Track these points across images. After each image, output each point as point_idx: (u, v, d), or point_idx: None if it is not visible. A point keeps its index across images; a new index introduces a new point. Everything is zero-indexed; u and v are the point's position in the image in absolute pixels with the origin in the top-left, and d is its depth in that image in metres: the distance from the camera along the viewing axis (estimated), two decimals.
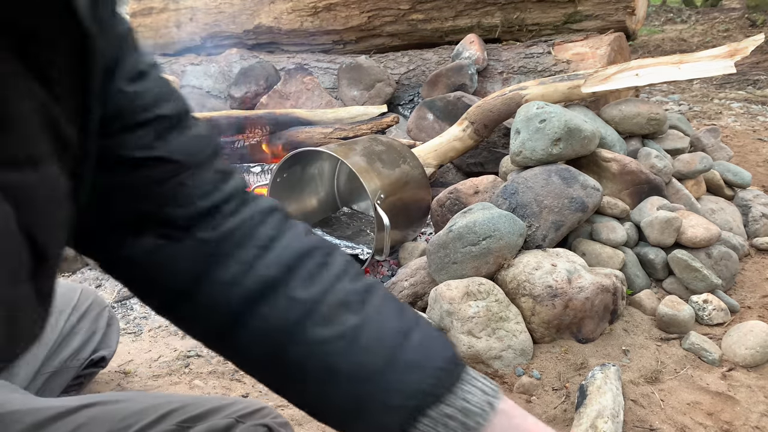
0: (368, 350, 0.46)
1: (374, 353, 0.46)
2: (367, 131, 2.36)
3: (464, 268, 1.48)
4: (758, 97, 4.35)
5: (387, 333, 0.47)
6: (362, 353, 0.46)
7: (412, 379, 0.46)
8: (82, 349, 1.00)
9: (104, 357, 1.04)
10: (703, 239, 1.63)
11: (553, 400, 1.25)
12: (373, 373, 0.45)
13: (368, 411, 0.45)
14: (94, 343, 1.03)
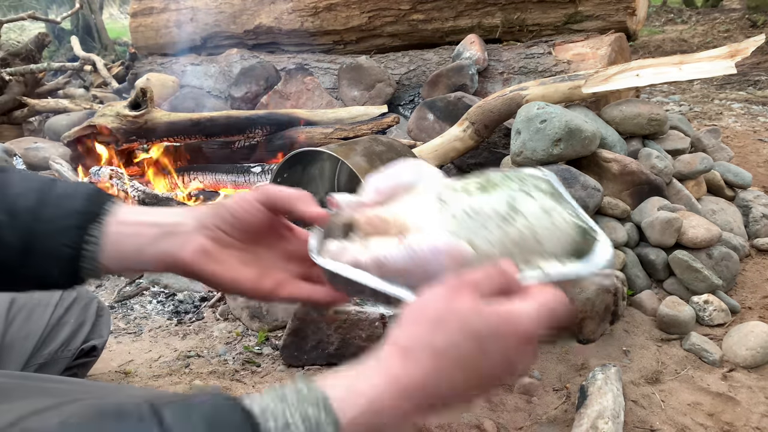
0: (19, 195, 0.55)
1: (25, 197, 0.55)
2: (367, 131, 2.36)
3: None
4: (759, 97, 4.35)
5: (33, 183, 0.56)
6: (15, 198, 0.54)
7: (66, 204, 0.55)
8: (71, 339, 1.00)
9: (95, 346, 1.04)
10: (703, 240, 1.63)
11: (554, 401, 1.25)
12: (30, 211, 0.54)
13: (39, 241, 0.53)
14: (84, 333, 1.02)
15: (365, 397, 0.40)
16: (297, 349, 1.38)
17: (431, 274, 0.50)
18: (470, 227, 0.52)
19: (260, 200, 0.57)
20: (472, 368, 0.42)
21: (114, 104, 2.58)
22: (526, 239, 0.52)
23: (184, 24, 3.90)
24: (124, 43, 7.58)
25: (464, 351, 0.41)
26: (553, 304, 0.45)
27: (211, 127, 2.50)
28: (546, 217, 0.53)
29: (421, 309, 0.44)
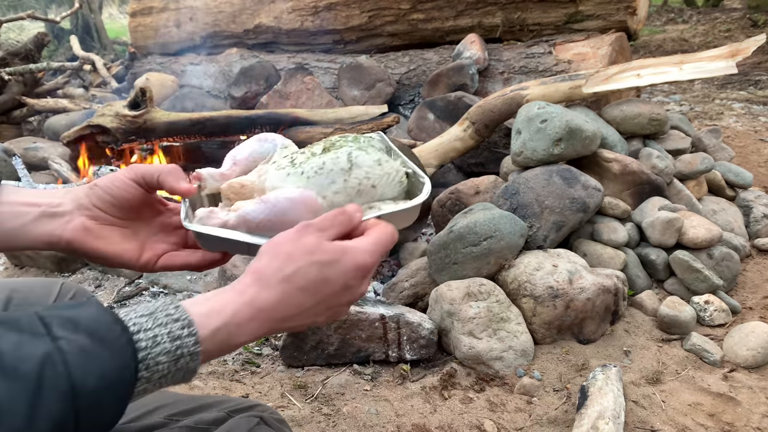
0: None
1: None
2: (367, 131, 2.36)
3: (465, 268, 1.48)
4: (760, 97, 4.35)
5: None
6: None
7: None
8: None
9: None
10: (704, 240, 1.63)
11: (554, 401, 1.25)
12: None
13: None
14: None
15: (223, 315, 0.46)
16: (296, 349, 1.38)
17: (290, 223, 0.57)
18: (320, 182, 0.63)
19: (131, 177, 0.61)
20: (316, 291, 0.50)
21: (113, 104, 2.58)
22: (365, 187, 0.64)
23: (183, 23, 3.90)
24: (123, 43, 7.58)
25: (309, 277, 0.49)
26: (384, 238, 0.54)
27: (210, 127, 2.50)
28: (379, 167, 0.66)
29: (275, 245, 0.52)
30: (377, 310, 1.37)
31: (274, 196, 0.61)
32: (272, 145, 0.73)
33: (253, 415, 0.66)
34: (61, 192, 0.62)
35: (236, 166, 0.70)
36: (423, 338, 1.35)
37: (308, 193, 0.62)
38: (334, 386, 1.29)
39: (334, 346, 1.36)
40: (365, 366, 1.37)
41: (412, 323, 1.35)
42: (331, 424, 1.17)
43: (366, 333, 1.35)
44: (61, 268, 1.95)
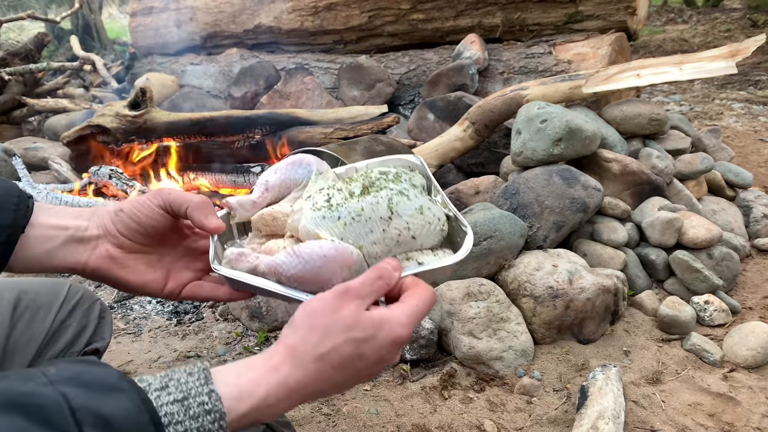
0: None
1: None
2: (367, 131, 2.36)
3: (465, 268, 1.48)
4: (759, 97, 4.35)
5: None
6: None
7: None
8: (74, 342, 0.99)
9: (98, 349, 1.03)
10: (704, 240, 1.63)
11: (554, 401, 1.25)
12: None
13: None
14: (87, 335, 1.02)
15: (255, 398, 0.45)
16: None
17: (324, 279, 0.56)
18: (357, 231, 0.60)
19: (159, 204, 0.60)
20: (349, 367, 0.48)
21: (113, 104, 2.58)
22: (405, 238, 0.61)
23: (183, 23, 3.90)
24: (123, 43, 7.58)
25: (344, 355, 0.48)
26: (421, 305, 0.52)
27: (210, 127, 2.50)
28: (420, 216, 0.63)
29: (311, 315, 0.49)
30: None
31: (309, 252, 0.56)
32: (307, 171, 0.68)
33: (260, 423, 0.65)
34: (87, 213, 0.61)
35: (268, 192, 0.66)
36: (423, 338, 1.35)
37: (344, 250, 0.57)
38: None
39: None
40: None
41: None
42: (331, 424, 1.17)
43: None
44: None
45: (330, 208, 0.61)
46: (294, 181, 0.67)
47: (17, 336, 0.89)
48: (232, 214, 0.65)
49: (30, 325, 0.92)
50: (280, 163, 0.68)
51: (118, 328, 1.60)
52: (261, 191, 0.66)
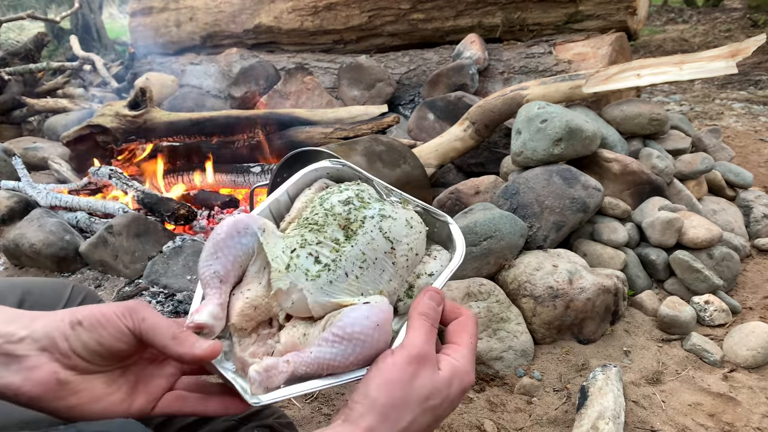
0: None
1: None
2: (367, 131, 2.36)
3: (465, 268, 1.48)
4: (760, 97, 4.35)
5: None
6: None
7: None
8: None
9: None
10: (704, 240, 1.63)
11: (554, 401, 1.25)
12: None
13: None
14: None
15: None
16: None
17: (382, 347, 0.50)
18: (372, 279, 0.54)
19: (130, 328, 0.47)
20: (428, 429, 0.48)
21: (113, 104, 2.58)
22: (411, 260, 0.59)
23: (183, 23, 3.90)
24: (123, 43, 7.58)
25: (424, 423, 0.47)
26: (474, 340, 0.52)
27: (210, 127, 2.50)
28: (411, 230, 0.60)
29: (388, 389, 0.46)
30: None
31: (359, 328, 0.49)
32: (252, 238, 0.55)
33: (261, 424, 0.65)
34: (26, 317, 0.46)
35: (225, 284, 0.53)
36: None
37: (386, 307, 0.51)
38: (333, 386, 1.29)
39: None
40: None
41: None
42: None
43: None
44: (61, 268, 1.95)
45: (329, 269, 0.53)
46: (245, 253, 0.55)
47: None
48: (208, 333, 0.50)
49: None
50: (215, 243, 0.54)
51: None
52: (218, 289, 0.52)
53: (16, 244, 1.95)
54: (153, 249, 1.92)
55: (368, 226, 0.55)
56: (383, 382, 0.46)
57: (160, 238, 1.95)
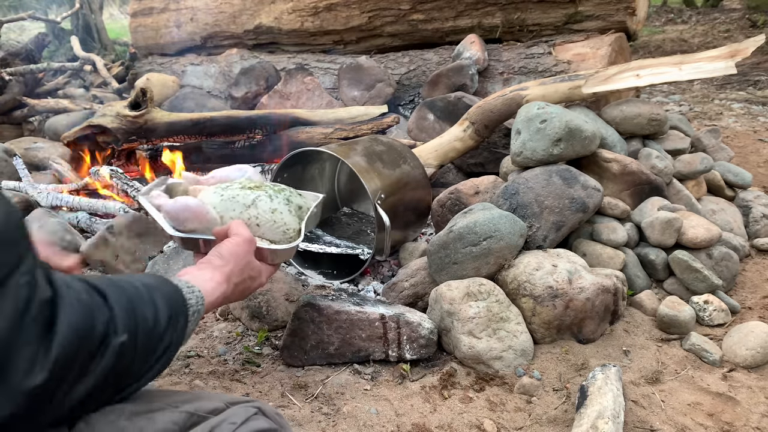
0: None
1: None
2: (367, 131, 2.36)
3: (465, 268, 1.48)
4: (759, 97, 4.35)
5: None
6: None
7: None
8: None
9: None
10: (703, 240, 1.63)
11: (554, 401, 1.25)
12: None
13: None
14: None
15: (213, 284, 0.86)
16: (297, 349, 1.38)
17: (181, 220, 1.02)
18: (225, 206, 1.06)
19: None
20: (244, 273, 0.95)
21: (114, 104, 2.58)
22: (251, 223, 1.07)
23: (184, 24, 3.90)
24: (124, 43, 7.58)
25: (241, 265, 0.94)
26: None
27: (211, 127, 2.50)
28: (271, 214, 1.09)
29: (236, 254, 0.94)
30: (377, 309, 1.37)
31: (182, 201, 1.02)
32: (242, 173, 1.18)
33: (251, 405, 0.67)
34: None
35: (213, 179, 1.13)
36: (423, 338, 1.36)
37: (202, 208, 1.03)
38: (334, 386, 1.30)
39: (335, 345, 1.37)
40: (365, 365, 1.37)
41: (412, 323, 1.35)
42: (331, 423, 1.18)
43: (366, 333, 1.36)
44: None
45: (222, 189, 1.09)
46: (232, 178, 1.15)
47: None
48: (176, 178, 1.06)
49: None
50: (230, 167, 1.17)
51: None
52: (209, 177, 1.13)
53: None
54: (154, 249, 1.93)
55: (257, 192, 1.11)
56: (233, 250, 0.94)
57: (160, 238, 1.96)
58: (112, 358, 0.57)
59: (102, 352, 0.56)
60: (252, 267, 0.97)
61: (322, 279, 1.77)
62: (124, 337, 0.59)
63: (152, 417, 0.62)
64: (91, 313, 0.56)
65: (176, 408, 0.65)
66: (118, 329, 0.59)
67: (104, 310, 0.58)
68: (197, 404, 0.67)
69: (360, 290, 1.73)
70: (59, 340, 0.51)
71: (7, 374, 0.46)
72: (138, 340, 0.61)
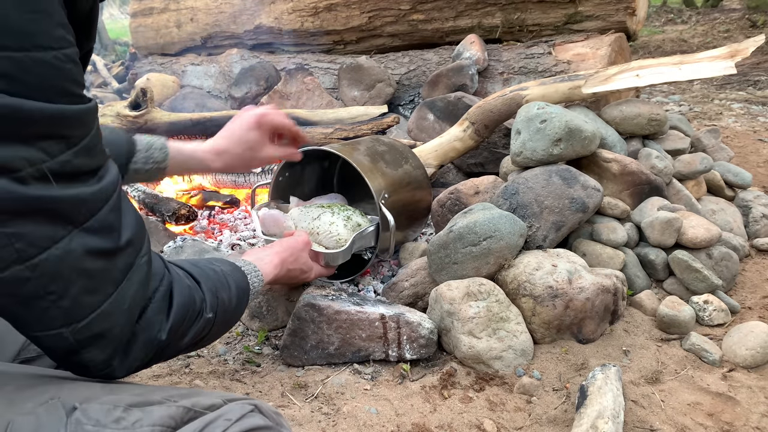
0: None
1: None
2: (367, 131, 2.36)
3: (465, 268, 1.48)
4: (758, 97, 4.36)
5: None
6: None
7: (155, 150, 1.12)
8: None
9: None
10: (703, 240, 1.63)
11: (554, 401, 1.25)
12: None
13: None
14: None
15: (272, 266, 1.19)
16: (297, 348, 1.38)
17: (267, 225, 1.53)
18: (300, 218, 1.53)
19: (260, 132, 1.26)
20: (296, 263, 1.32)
21: (114, 104, 2.59)
22: (313, 232, 1.49)
23: (184, 24, 3.90)
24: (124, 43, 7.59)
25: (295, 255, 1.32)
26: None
27: (211, 127, 2.50)
28: (329, 226, 1.49)
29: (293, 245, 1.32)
30: (377, 309, 1.38)
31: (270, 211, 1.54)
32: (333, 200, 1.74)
33: (248, 402, 0.68)
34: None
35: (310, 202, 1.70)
36: (423, 338, 1.36)
37: (280, 217, 1.51)
38: (334, 385, 1.30)
39: (335, 345, 1.37)
40: (365, 365, 1.38)
41: (412, 323, 1.36)
42: (331, 423, 1.18)
43: (366, 332, 1.36)
44: None
45: (305, 207, 1.57)
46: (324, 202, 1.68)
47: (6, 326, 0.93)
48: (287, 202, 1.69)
49: None
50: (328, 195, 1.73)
51: None
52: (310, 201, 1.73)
53: None
54: (154, 249, 1.93)
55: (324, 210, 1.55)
56: (291, 243, 1.32)
57: (161, 238, 1.96)
58: (201, 328, 0.80)
59: (196, 323, 0.78)
60: (304, 261, 1.34)
61: (323, 279, 1.77)
62: (211, 314, 0.81)
63: (149, 410, 0.63)
64: (192, 295, 0.77)
65: (174, 402, 0.65)
66: (207, 308, 0.80)
67: (199, 292, 0.80)
68: (195, 400, 0.67)
69: (360, 290, 1.73)
70: (174, 312, 0.72)
71: (150, 331, 0.70)
72: (218, 317, 0.83)
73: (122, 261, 0.64)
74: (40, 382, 0.64)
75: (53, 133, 0.54)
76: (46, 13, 0.51)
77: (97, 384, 0.68)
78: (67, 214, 0.57)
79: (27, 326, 0.60)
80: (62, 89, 0.54)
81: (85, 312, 0.61)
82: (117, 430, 0.58)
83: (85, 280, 0.60)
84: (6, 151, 0.50)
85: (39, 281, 0.56)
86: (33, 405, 0.57)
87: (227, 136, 1.22)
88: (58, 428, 0.55)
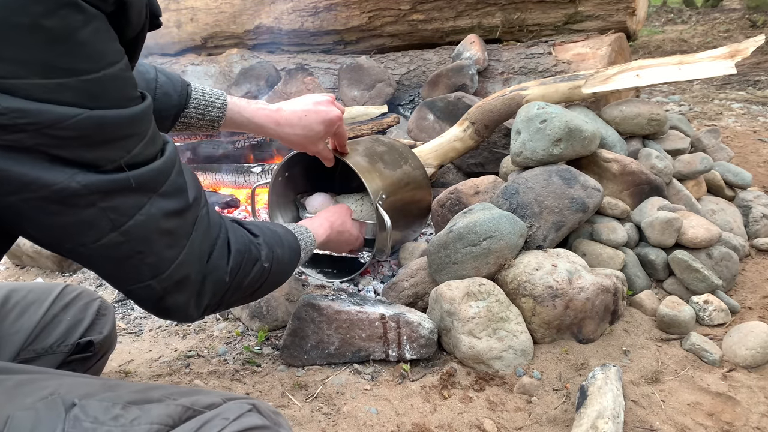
0: None
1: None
2: (367, 131, 2.36)
3: (465, 268, 1.48)
4: (759, 97, 4.36)
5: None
6: None
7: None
8: (68, 335, 1.03)
9: (92, 341, 1.06)
10: (703, 240, 1.63)
11: (554, 401, 1.25)
12: None
13: None
14: (81, 329, 1.06)
15: (323, 229, 1.38)
16: (297, 348, 1.38)
17: (315, 206, 1.80)
18: (344, 200, 1.84)
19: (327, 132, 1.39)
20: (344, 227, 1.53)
21: None
22: (356, 212, 1.77)
23: (184, 24, 3.90)
24: None
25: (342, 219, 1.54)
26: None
27: None
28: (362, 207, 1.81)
29: (332, 210, 1.56)
30: (377, 309, 1.38)
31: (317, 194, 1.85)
32: None
33: (246, 402, 0.68)
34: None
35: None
36: (423, 338, 1.36)
37: (327, 198, 1.82)
38: (334, 385, 1.30)
39: (335, 345, 1.37)
40: (365, 365, 1.38)
41: (412, 323, 1.36)
42: (331, 423, 1.18)
43: (366, 332, 1.36)
44: (63, 268, 1.96)
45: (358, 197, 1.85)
46: None
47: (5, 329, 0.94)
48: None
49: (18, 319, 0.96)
50: None
51: (119, 327, 1.60)
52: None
53: (17, 244, 1.95)
54: None
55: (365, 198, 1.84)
56: (337, 209, 1.57)
57: None
58: (258, 276, 0.90)
59: (254, 270, 0.89)
60: (350, 226, 1.55)
61: (322, 279, 1.77)
62: (267, 264, 0.92)
63: (148, 408, 0.63)
64: (248, 244, 0.89)
65: (173, 401, 0.66)
66: (263, 258, 0.91)
67: (256, 243, 0.91)
68: (194, 398, 0.67)
69: (360, 290, 1.73)
70: (233, 256, 0.84)
71: (216, 273, 0.80)
72: (273, 268, 0.95)
73: (191, 216, 0.74)
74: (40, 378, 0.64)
75: (130, 133, 0.64)
76: (109, 33, 0.59)
77: (97, 381, 0.68)
78: (146, 185, 0.66)
79: (122, 281, 0.71)
80: (129, 95, 0.64)
81: (167, 264, 0.71)
82: (115, 427, 0.59)
83: (166, 238, 0.70)
84: (93, 154, 0.60)
85: (130, 244, 0.66)
86: (32, 400, 0.58)
87: (297, 115, 1.27)
88: (57, 424, 0.56)
